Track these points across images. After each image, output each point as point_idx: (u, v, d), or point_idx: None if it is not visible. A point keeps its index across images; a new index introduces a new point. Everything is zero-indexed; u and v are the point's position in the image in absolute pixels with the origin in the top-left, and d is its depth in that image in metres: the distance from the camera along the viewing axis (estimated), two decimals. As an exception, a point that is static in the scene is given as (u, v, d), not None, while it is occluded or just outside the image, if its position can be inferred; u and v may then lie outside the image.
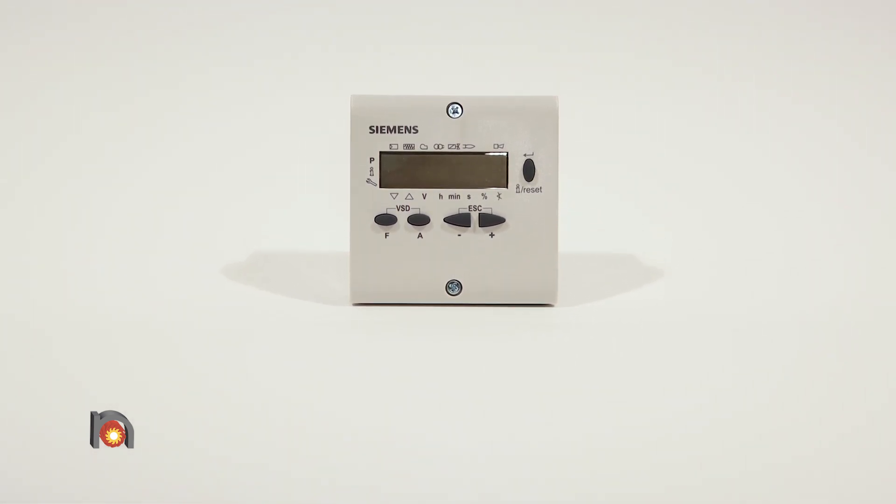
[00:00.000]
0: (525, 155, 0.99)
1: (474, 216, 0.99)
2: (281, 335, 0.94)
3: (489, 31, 1.41)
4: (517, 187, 0.99)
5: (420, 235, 1.00)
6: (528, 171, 0.99)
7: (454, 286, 1.00)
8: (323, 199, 1.27)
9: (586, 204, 1.25)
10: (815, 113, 1.38)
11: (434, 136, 0.99)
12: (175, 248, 1.20)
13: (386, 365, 0.87)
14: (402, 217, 0.99)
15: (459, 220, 0.99)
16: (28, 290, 1.06)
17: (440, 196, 0.99)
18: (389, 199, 0.99)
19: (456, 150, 0.99)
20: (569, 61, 1.39)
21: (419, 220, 0.99)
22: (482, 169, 0.99)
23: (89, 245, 1.20)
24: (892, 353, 0.92)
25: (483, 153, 1.00)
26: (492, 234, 0.99)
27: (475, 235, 1.00)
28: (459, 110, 0.99)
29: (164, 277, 1.11)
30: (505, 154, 1.00)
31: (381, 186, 0.99)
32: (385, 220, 0.99)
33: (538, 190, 0.99)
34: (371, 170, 0.99)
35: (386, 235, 0.99)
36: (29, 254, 1.17)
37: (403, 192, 0.99)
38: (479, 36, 1.40)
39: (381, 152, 0.99)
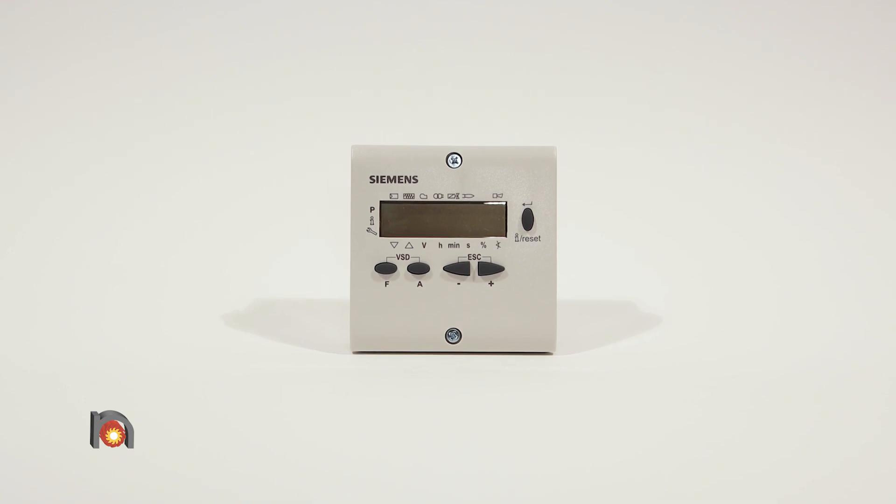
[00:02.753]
0: (524, 204, 1.00)
1: (474, 265, 1.00)
2: (280, 382, 0.94)
3: (488, 80, 1.42)
4: (516, 236, 1.00)
5: (420, 284, 1.00)
6: (527, 220, 1.00)
7: (454, 334, 1.00)
8: (323, 247, 1.27)
9: (585, 252, 1.26)
10: (813, 159, 1.39)
11: (434, 186, 1.00)
12: (176, 294, 1.21)
13: (385, 414, 0.87)
14: (402, 266, 1.00)
15: (459, 269, 1.00)
16: (31, 336, 1.07)
17: (440, 245, 1.00)
18: (389, 248, 1.00)
19: (455, 200, 1.00)
20: (568, 109, 1.40)
21: (419, 269, 1.00)
22: (481, 218, 1.00)
23: (88, 292, 1.20)
24: (882, 403, 0.92)
25: (482, 202, 1.00)
26: (491, 283, 1.00)
27: (474, 284, 1.00)
28: (459, 160, 1.00)
29: (165, 323, 1.12)
30: (504, 203, 1.00)
31: (381, 235, 1.00)
32: (385, 268, 1.00)
33: (537, 239, 1.00)
34: (371, 219, 1.00)
35: (386, 284, 1.00)
36: (31, 301, 1.18)
37: (403, 240, 1.00)
38: (479, 84, 1.41)
39: (381, 201, 1.00)
